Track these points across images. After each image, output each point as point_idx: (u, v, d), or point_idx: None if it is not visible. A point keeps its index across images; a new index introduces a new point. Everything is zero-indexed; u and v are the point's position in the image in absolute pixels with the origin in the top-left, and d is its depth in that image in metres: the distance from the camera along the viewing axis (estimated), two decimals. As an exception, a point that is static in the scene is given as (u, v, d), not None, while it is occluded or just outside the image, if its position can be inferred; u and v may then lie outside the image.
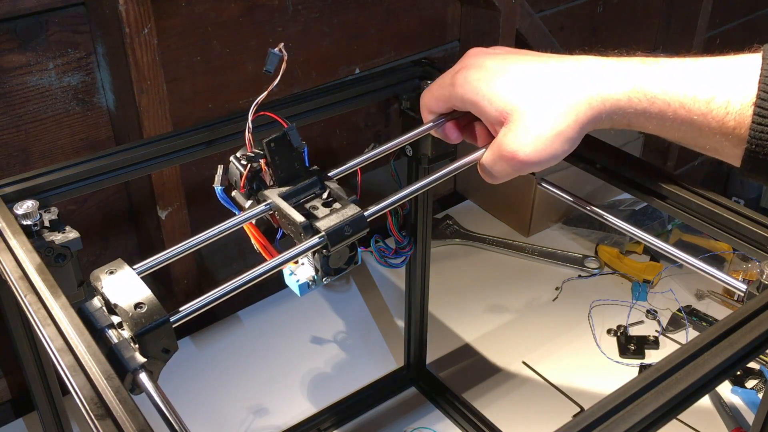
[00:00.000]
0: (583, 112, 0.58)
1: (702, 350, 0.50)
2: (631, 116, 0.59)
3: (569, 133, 0.59)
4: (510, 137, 0.60)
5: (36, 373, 0.71)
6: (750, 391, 1.06)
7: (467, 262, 1.35)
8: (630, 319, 1.20)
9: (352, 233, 0.57)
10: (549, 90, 0.59)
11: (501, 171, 0.62)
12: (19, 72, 0.92)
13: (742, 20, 1.93)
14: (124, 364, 0.48)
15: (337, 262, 0.59)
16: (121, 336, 0.49)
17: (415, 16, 1.29)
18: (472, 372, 1.12)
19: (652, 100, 0.58)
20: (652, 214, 1.40)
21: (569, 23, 1.55)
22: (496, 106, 0.60)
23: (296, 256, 0.56)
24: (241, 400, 1.07)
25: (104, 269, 0.51)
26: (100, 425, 0.42)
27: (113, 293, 0.49)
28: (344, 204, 0.59)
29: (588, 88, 0.59)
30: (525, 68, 0.61)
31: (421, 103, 0.69)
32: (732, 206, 0.63)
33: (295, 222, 0.57)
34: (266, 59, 0.62)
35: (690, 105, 0.57)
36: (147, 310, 0.48)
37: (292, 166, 0.61)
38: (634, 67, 0.59)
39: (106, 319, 0.50)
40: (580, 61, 0.61)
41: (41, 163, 0.99)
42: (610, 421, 0.45)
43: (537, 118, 0.59)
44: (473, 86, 0.61)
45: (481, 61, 0.63)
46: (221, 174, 0.64)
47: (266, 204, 0.60)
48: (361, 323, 1.21)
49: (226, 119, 0.76)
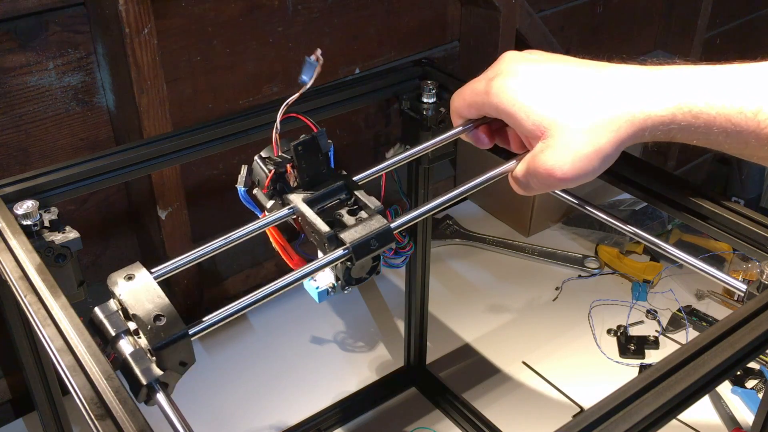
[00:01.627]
0: (624, 128, 0.56)
1: (702, 350, 0.50)
2: (675, 131, 0.57)
3: (608, 150, 0.56)
4: (548, 154, 0.57)
5: (36, 373, 0.71)
6: (750, 391, 1.06)
7: (467, 262, 1.35)
8: (630, 319, 1.20)
9: (378, 246, 0.55)
10: (589, 104, 0.56)
11: (535, 186, 0.60)
12: (19, 72, 0.92)
13: (742, 20, 1.93)
14: (140, 375, 0.46)
15: (360, 272, 0.58)
16: (137, 344, 0.47)
17: (415, 16, 1.29)
18: (472, 372, 1.12)
19: (697, 115, 0.56)
20: (652, 214, 1.40)
21: (569, 23, 1.55)
22: (533, 120, 0.57)
23: (320, 268, 0.55)
24: (242, 400, 1.07)
25: (122, 273, 0.49)
26: (100, 425, 0.42)
27: (132, 301, 0.48)
28: (371, 214, 0.57)
29: (629, 104, 0.56)
30: (563, 78, 0.58)
31: (452, 108, 0.66)
32: (732, 206, 0.63)
33: (320, 231, 0.55)
34: (302, 68, 0.60)
35: (737, 118, 0.55)
36: (166, 323, 0.47)
37: (319, 169, 0.60)
38: (677, 80, 0.56)
39: (122, 324, 0.48)
40: (620, 71, 0.58)
41: (41, 163, 0.99)
42: (610, 421, 0.45)
43: (576, 135, 0.56)
44: (509, 96, 0.58)
45: (517, 68, 0.60)
46: (245, 175, 0.62)
47: (289, 208, 0.58)
48: (361, 323, 1.21)
49: (226, 119, 0.76)
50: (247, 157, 0.74)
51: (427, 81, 0.83)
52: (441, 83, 0.83)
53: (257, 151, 0.64)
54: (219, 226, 1.20)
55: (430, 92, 0.83)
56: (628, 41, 1.72)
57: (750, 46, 1.98)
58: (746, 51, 1.90)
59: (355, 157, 1.31)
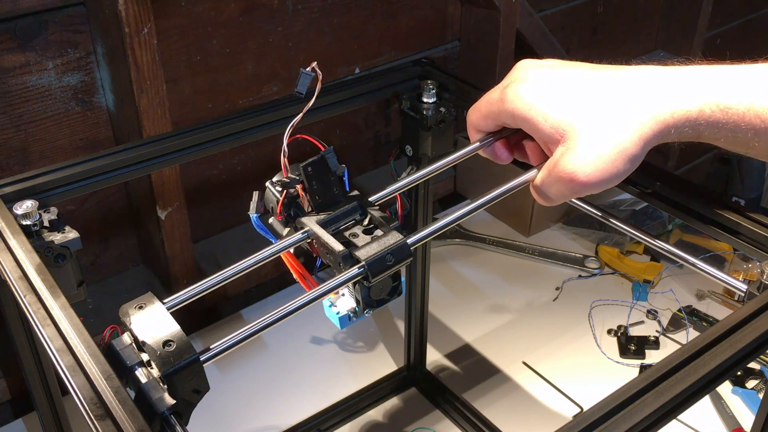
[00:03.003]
0: (649, 127, 0.53)
1: (702, 350, 0.50)
2: (703, 129, 0.54)
3: (633, 150, 0.53)
4: (568, 157, 0.54)
5: (35, 373, 0.71)
6: (750, 391, 1.06)
7: (467, 262, 1.35)
8: (630, 319, 1.20)
9: (394, 263, 0.53)
10: (610, 104, 0.54)
11: (557, 193, 0.57)
12: (18, 72, 0.92)
13: (742, 20, 1.93)
14: (153, 406, 0.45)
15: (380, 293, 0.56)
16: (150, 375, 0.47)
17: (415, 16, 1.29)
18: (472, 372, 1.12)
19: (725, 111, 0.54)
20: (652, 214, 1.40)
21: (569, 23, 1.55)
22: (552, 123, 0.55)
23: (336, 287, 0.53)
24: (242, 400, 1.07)
25: (133, 304, 0.48)
26: (99, 425, 0.42)
27: (141, 330, 0.47)
28: (386, 231, 0.55)
29: (653, 101, 0.54)
30: (581, 80, 0.56)
31: (468, 122, 0.63)
32: (732, 206, 0.63)
33: (334, 251, 0.54)
34: (297, 80, 0.58)
35: (766, 114, 0.53)
36: (176, 348, 0.46)
37: (331, 190, 0.58)
38: (703, 76, 0.55)
39: (136, 356, 0.47)
40: (640, 70, 0.56)
41: (41, 163, 0.99)
42: (610, 421, 0.45)
43: (598, 136, 0.53)
44: (525, 101, 0.56)
45: (532, 73, 0.58)
46: (257, 200, 0.61)
47: (304, 232, 0.57)
48: (361, 323, 1.21)
49: (226, 119, 0.76)
50: (247, 157, 0.75)
51: (427, 81, 0.83)
52: (441, 83, 0.83)
53: (257, 150, 0.64)
54: (219, 226, 1.20)
55: (430, 92, 0.83)
56: (628, 41, 1.72)
57: (750, 46, 1.98)
58: (746, 51, 1.89)
59: (354, 158, 1.31)
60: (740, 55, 0.59)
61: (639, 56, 1.76)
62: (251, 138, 0.76)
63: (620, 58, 0.62)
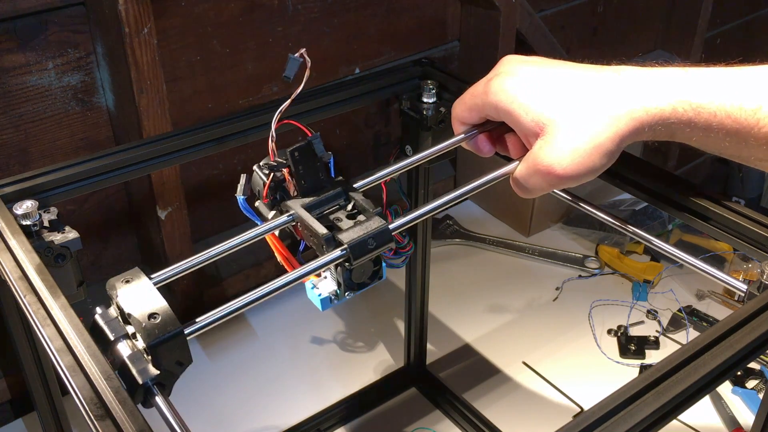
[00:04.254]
0: (624, 123, 0.56)
1: (702, 351, 0.50)
2: (675, 127, 0.56)
3: (609, 146, 0.56)
4: (546, 150, 0.57)
5: (35, 373, 0.71)
6: (750, 391, 1.06)
7: (467, 262, 1.35)
8: (630, 319, 1.20)
9: (375, 246, 0.55)
10: (588, 100, 0.56)
11: (536, 185, 0.59)
12: (18, 72, 0.92)
13: (742, 20, 1.93)
14: (136, 376, 0.46)
15: (361, 277, 0.58)
16: (134, 347, 0.48)
17: (415, 16, 1.29)
18: (472, 372, 1.12)
19: (697, 110, 0.55)
20: (652, 214, 1.40)
21: (569, 23, 1.55)
22: (532, 116, 0.57)
23: (318, 269, 0.55)
24: (241, 400, 1.07)
25: (120, 278, 0.50)
26: (99, 426, 0.42)
27: (128, 302, 0.48)
28: (369, 216, 0.57)
29: (629, 99, 0.56)
30: (563, 77, 0.58)
31: (453, 114, 0.65)
32: (732, 206, 0.63)
33: (318, 234, 0.55)
34: (286, 64, 0.60)
35: (736, 114, 0.55)
36: (161, 321, 0.47)
37: (317, 176, 0.60)
38: (677, 77, 0.57)
39: (121, 329, 0.48)
40: (620, 71, 0.58)
41: (41, 163, 0.99)
42: (611, 421, 0.45)
43: (575, 130, 0.56)
44: (508, 94, 0.58)
45: (516, 68, 0.60)
46: (244, 183, 0.62)
47: (289, 215, 0.59)
48: (361, 323, 1.21)
49: (226, 119, 0.76)
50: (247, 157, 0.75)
51: (427, 81, 0.83)
52: (441, 83, 0.83)
53: (257, 151, 0.64)
54: (219, 226, 1.20)
55: (430, 92, 0.83)
56: (628, 41, 1.72)
57: (750, 46, 1.98)
58: (746, 51, 1.90)
59: (354, 158, 1.31)
60: (740, 55, 0.59)
61: (639, 56, 1.76)
62: (251, 138, 0.77)
63: (620, 58, 0.62)
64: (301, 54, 0.59)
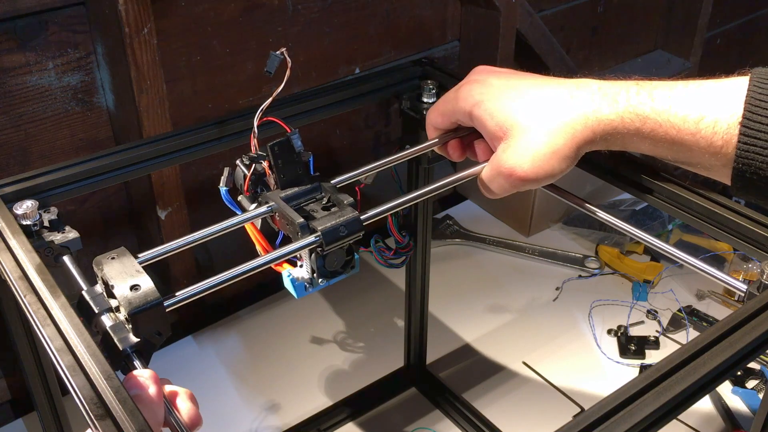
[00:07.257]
0: (579, 131, 0.60)
1: (702, 350, 0.50)
2: (625, 137, 0.61)
3: (566, 151, 0.60)
4: (509, 153, 0.61)
5: (36, 373, 0.71)
6: (750, 391, 1.06)
7: (467, 262, 1.35)
8: (630, 319, 1.20)
9: (347, 234, 0.59)
10: (547, 108, 0.61)
11: (499, 187, 0.64)
12: (18, 72, 0.92)
13: (742, 20, 1.93)
14: (117, 344, 0.49)
15: (333, 264, 0.61)
16: (117, 318, 0.50)
17: (415, 16, 1.29)
18: (472, 372, 1.12)
19: (644, 121, 0.59)
20: (652, 214, 1.40)
21: (569, 23, 1.55)
22: (497, 121, 0.62)
23: (292, 252, 0.58)
24: (241, 400, 1.07)
25: (107, 255, 0.53)
26: (99, 425, 0.42)
27: (112, 275, 0.51)
28: (342, 208, 0.61)
29: (583, 108, 0.60)
30: (527, 87, 0.63)
31: (427, 120, 0.70)
32: (732, 206, 0.63)
33: (294, 221, 0.59)
34: (268, 60, 0.64)
35: (680, 125, 0.58)
36: (142, 292, 0.50)
37: (295, 171, 0.63)
38: (628, 89, 0.61)
39: (105, 303, 0.51)
40: (579, 83, 0.62)
41: (41, 163, 0.99)
42: (610, 421, 0.45)
43: (535, 136, 0.60)
44: (476, 100, 0.63)
45: (486, 77, 0.65)
46: (227, 175, 0.65)
47: (268, 206, 0.62)
48: (361, 323, 1.21)
49: (226, 119, 0.76)
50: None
51: (427, 81, 0.83)
52: (441, 83, 0.83)
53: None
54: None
55: (430, 92, 0.83)
56: (628, 41, 1.72)
57: (750, 46, 1.98)
58: (746, 51, 1.90)
59: (354, 158, 1.31)
60: (740, 55, 0.59)
61: (639, 56, 1.76)
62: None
63: (620, 58, 0.63)
64: (282, 51, 0.64)
